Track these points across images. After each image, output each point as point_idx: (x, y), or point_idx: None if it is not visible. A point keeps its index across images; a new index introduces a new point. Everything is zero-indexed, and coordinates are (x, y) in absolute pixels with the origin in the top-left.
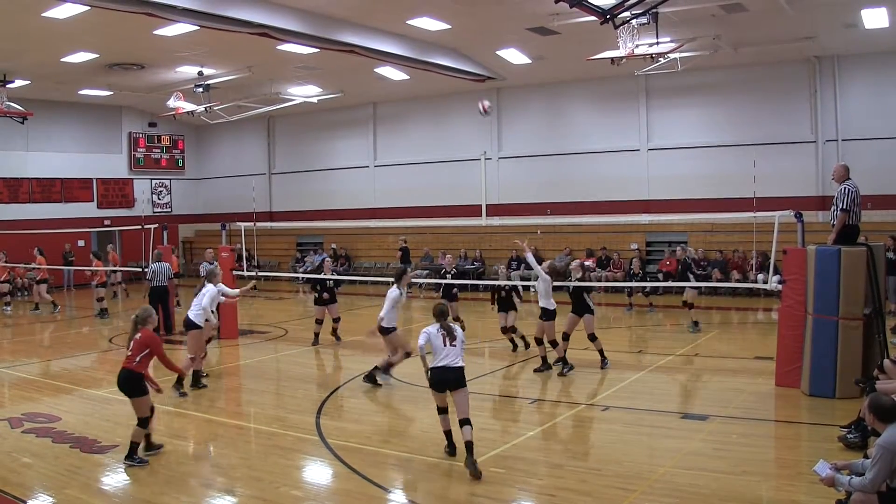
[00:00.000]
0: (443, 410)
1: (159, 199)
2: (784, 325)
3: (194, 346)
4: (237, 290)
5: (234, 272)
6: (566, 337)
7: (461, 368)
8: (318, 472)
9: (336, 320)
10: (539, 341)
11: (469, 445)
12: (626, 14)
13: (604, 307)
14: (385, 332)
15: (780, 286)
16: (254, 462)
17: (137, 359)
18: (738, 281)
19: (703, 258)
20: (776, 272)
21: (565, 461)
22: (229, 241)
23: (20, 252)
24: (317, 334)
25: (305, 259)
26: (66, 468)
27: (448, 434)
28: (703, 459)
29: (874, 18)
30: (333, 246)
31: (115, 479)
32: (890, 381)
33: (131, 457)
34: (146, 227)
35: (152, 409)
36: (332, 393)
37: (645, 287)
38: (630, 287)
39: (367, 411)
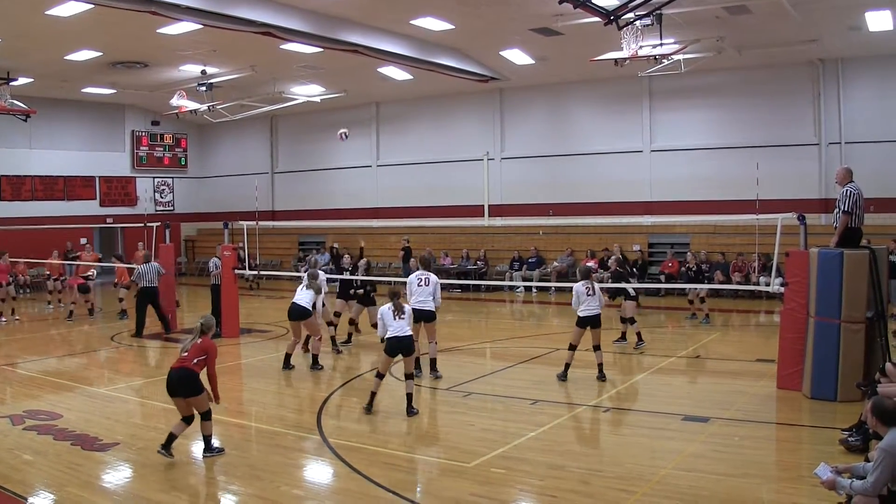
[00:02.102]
0: (381, 375)
1: (162, 197)
2: (786, 328)
3: (315, 329)
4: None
5: (236, 271)
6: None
7: (410, 336)
8: (318, 472)
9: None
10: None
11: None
12: (630, 15)
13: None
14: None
15: (782, 289)
16: (254, 461)
17: (195, 360)
18: (739, 283)
19: (705, 260)
20: (778, 275)
21: (566, 462)
22: (231, 240)
23: (22, 250)
24: (350, 333)
25: (307, 258)
26: (67, 466)
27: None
28: (704, 461)
29: (878, 21)
30: (335, 245)
31: (116, 476)
32: (892, 384)
33: (210, 449)
34: (148, 225)
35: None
36: (333, 392)
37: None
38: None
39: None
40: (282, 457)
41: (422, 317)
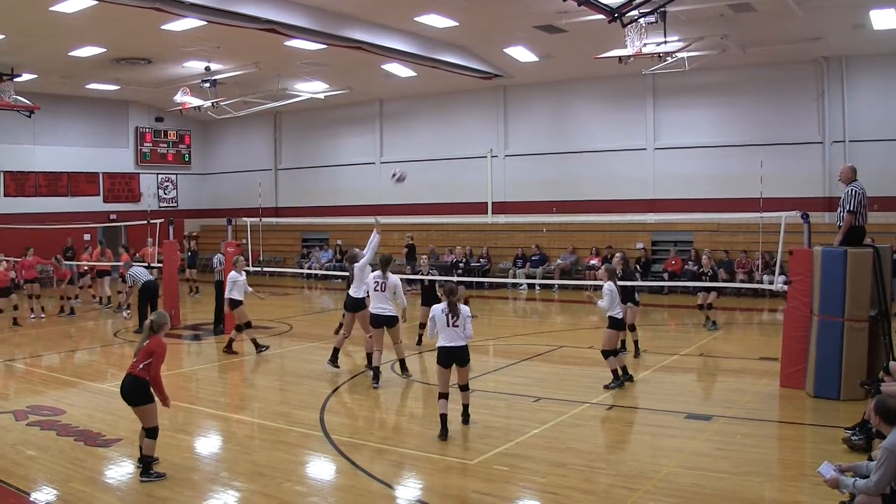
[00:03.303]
0: (443, 395)
1: (165, 193)
2: (789, 326)
3: (368, 324)
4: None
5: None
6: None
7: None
8: (321, 468)
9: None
10: (608, 354)
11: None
12: (634, 13)
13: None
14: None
15: (785, 287)
16: (257, 457)
17: (141, 365)
18: (743, 281)
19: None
20: (782, 273)
21: (569, 459)
22: (235, 237)
23: (26, 246)
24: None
25: (311, 255)
26: (70, 461)
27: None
28: (707, 459)
29: (883, 19)
30: (339, 242)
31: (119, 472)
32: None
33: (147, 472)
34: (152, 221)
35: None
36: (336, 389)
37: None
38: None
39: (371, 407)
40: (285, 453)
41: (382, 322)
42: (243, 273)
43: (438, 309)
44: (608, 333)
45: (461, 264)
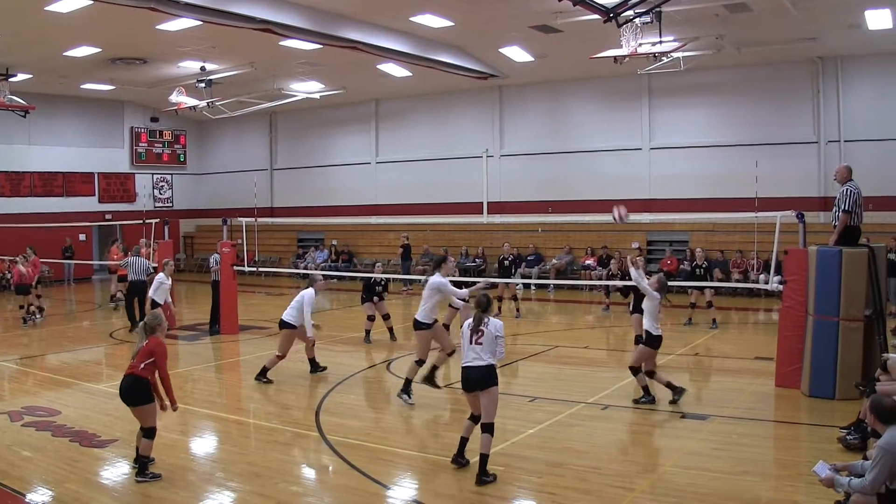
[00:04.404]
0: (471, 417)
1: (161, 193)
2: (784, 326)
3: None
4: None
5: (235, 267)
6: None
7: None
8: (317, 468)
9: (386, 317)
10: (636, 371)
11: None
12: (630, 13)
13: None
14: (419, 327)
15: (780, 287)
16: (253, 457)
17: (142, 365)
18: (738, 281)
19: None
20: (777, 272)
21: (565, 459)
22: (230, 237)
23: (21, 246)
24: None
25: (306, 255)
26: (65, 462)
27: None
28: (703, 459)
29: (878, 19)
30: (334, 242)
31: (115, 473)
32: (891, 382)
33: (143, 473)
34: (147, 221)
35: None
36: (332, 389)
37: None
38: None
39: (366, 408)
40: (280, 454)
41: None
42: (170, 279)
43: (466, 324)
44: (640, 350)
45: (507, 262)
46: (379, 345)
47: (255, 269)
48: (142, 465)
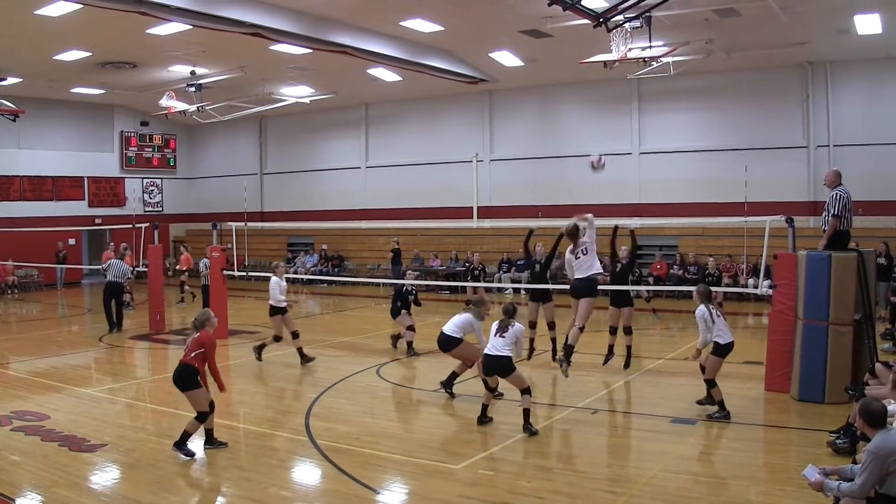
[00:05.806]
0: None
1: (150, 198)
2: (774, 330)
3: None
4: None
5: (225, 272)
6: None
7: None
8: (307, 473)
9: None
10: (713, 383)
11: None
12: (620, 17)
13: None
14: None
15: (770, 291)
16: (243, 462)
17: (192, 354)
18: (728, 285)
19: (693, 262)
20: (766, 277)
21: (554, 464)
22: (220, 241)
23: (10, 250)
24: (396, 339)
25: (296, 259)
26: (54, 467)
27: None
28: (692, 463)
29: (867, 24)
30: (324, 247)
31: (104, 477)
32: (880, 386)
33: (181, 446)
34: (137, 226)
35: (212, 406)
36: (321, 394)
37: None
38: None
39: (356, 412)
40: (270, 458)
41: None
42: (283, 279)
43: (495, 323)
44: (711, 360)
45: (537, 263)
46: (370, 350)
47: (245, 273)
48: (182, 438)
